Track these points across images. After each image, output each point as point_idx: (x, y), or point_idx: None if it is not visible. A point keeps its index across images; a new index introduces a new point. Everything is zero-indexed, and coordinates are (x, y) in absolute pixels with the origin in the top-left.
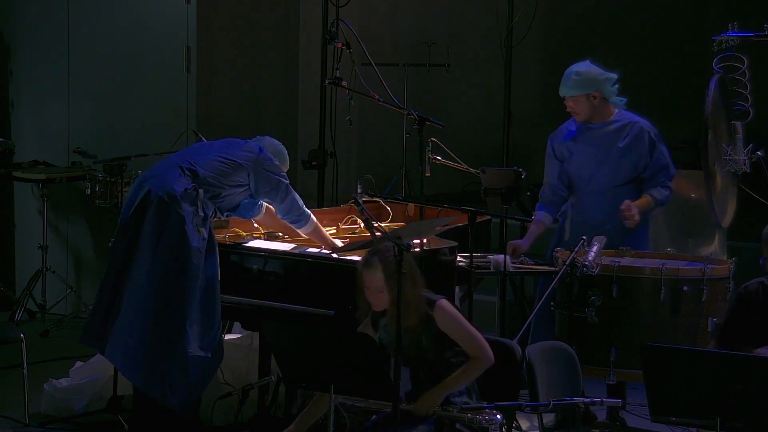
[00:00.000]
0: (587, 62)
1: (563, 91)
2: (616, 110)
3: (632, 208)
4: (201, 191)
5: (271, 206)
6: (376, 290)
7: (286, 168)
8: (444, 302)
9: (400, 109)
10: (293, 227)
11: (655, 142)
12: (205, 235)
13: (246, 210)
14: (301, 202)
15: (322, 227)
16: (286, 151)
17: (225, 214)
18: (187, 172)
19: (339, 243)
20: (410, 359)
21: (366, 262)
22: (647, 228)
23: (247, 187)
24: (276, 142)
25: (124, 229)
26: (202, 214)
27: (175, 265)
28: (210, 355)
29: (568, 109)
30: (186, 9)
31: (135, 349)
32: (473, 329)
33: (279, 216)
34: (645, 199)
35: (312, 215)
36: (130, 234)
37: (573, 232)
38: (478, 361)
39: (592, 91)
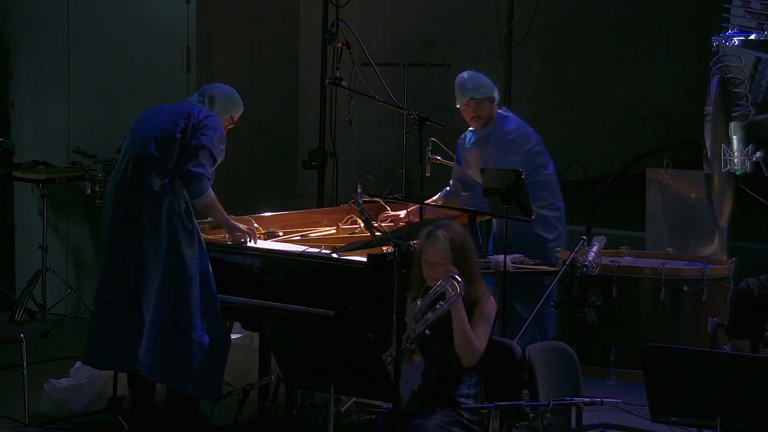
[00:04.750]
0: (469, 71)
1: (470, 95)
2: (497, 111)
3: None
4: (177, 184)
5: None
6: (435, 263)
7: (240, 111)
8: (492, 302)
9: (400, 109)
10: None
11: (526, 143)
12: (191, 225)
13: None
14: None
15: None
16: (237, 95)
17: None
18: (157, 169)
19: (242, 226)
20: (428, 348)
21: (429, 233)
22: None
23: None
24: (225, 88)
25: (124, 247)
26: (184, 205)
27: (173, 260)
28: (221, 342)
29: (467, 117)
30: (186, 9)
31: (157, 350)
32: (485, 339)
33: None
34: None
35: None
36: (133, 251)
37: (498, 226)
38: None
39: (492, 94)
